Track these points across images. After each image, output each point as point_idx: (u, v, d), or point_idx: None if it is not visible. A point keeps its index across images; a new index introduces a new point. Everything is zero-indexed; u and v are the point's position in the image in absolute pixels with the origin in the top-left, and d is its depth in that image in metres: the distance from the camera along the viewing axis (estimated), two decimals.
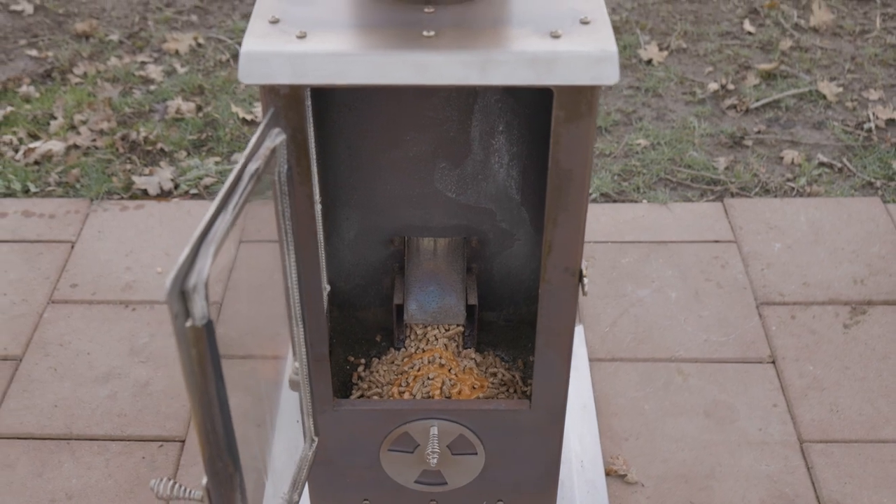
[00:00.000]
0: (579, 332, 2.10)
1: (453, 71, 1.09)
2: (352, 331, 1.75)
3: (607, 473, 1.83)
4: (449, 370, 1.64)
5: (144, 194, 2.46)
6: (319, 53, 1.09)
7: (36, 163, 2.55)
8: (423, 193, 1.62)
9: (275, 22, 1.14)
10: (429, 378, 1.63)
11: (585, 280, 1.31)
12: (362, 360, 1.70)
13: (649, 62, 2.97)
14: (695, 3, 3.26)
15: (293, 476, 1.31)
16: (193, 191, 2.46)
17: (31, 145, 2.58)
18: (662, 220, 2.38)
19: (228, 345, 1.13)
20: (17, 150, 2.58)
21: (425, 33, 1.12)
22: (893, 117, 2.73)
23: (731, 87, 2.84)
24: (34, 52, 2.96)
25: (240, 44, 2.91)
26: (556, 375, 1.42)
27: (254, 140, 1.06)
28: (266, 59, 1.09)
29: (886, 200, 2.46)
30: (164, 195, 2.46)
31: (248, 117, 2.69)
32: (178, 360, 2.01)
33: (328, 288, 1.60)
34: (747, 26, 3.12)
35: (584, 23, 1.15)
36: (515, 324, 1.75)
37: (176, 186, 2.48)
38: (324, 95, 1.43)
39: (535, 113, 1.54)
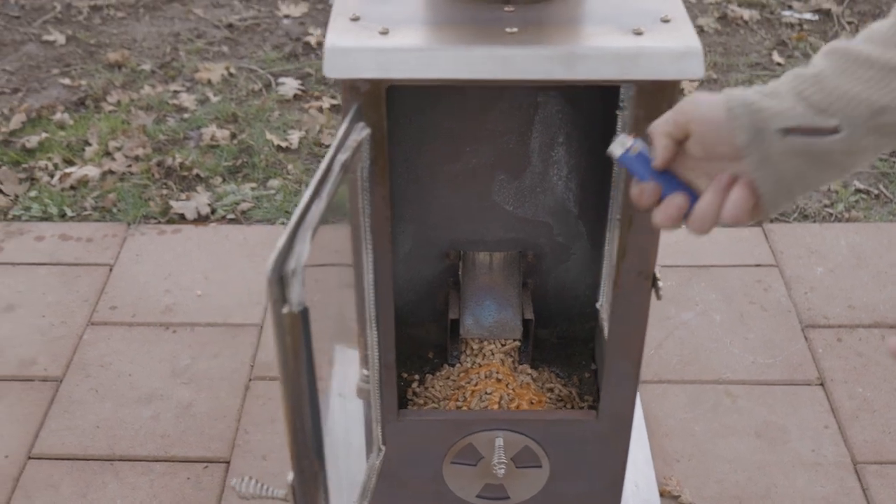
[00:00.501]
0: None
1: (539, 65, 1.09)
2: (403, 347, 1.73)
3: (661, 494, 1.80)
4: (506, 385, 1.62)
5: (182, 219, 2.45)
6: (404, 48, 1.09)
7: (72, 188, 2.54)
8: (481, 206, 1.62)
9: (356, 19, 1.14)
10: (486, 393, 1.61)
11: (660, 283, 1.30)
12: (416, 376, 1.68)
13: (681, 92, 2.96)
14: (723, 35, 3.27)
15: (362, 484, 1.29)
16: (230, 216, 2.46)
17: (67, 170, 2.58)
18: (702, 245, 2.37)
19: None
20: (52, 176, 2.58)
21: (508, 30, 1.11)
22: None
23: None
24: (67, 81, 2.96)
25: (272, 73, 2.93)
26: (625, 383, 1.40)
27: (341, 132, 1.05)
28: (351, 53, 1.09)
29: None
30: (201, 220, 2.45)
31: (283, 144, 2.69)
32: (221, 381, 2.00)
33: None
34: (776, 57, 3.13)
35: (665, 21, 1.15)
36: (568, 341, 1.74)
37: (213, 211, 2.47)
38: None
39: (594, 125, 1.53)
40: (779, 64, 3.10)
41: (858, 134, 0.85)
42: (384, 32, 1.11)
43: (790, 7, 3.41)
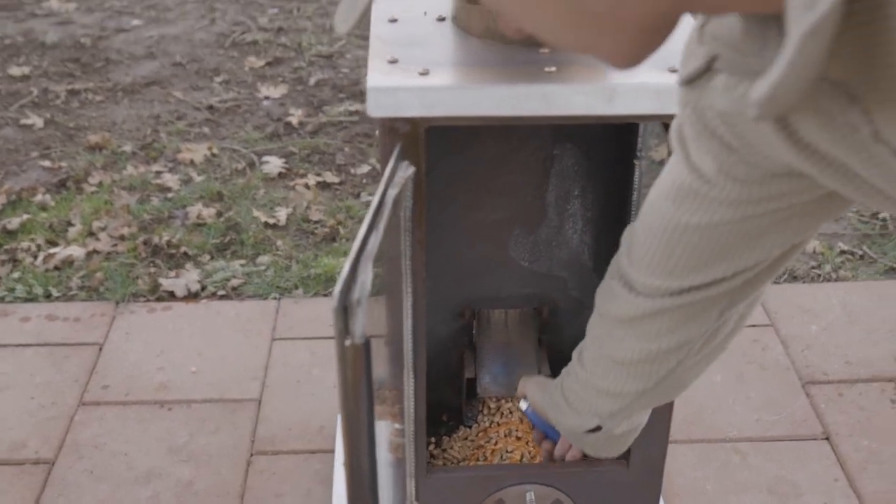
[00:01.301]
0: None
1: (581, 100, 1.10)
2: None
3: None
4: (527, 443, 1.60)
5: (171, 296, 2.42)
6: (448, 86, 1.09)
7: (56, 268, 2.51)
8: (497, 262, 1.62)
9: (394, 62, 1.14)
10: (507, 451, 1.59)
11: None
12: (432, 439, 1.66)
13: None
14: None
15: None
16: (221, 292, 2.43)
17: (51, 251, 2.55)
18: None
19: None
20: (35, 257, 2.54)
21: (547, 69, 1.12)
22: None
23: None
24: (47, 164, 2.94)
25: (255, 153, 2.94)
26: (656, 432, 1.39)
27: (388, 171, 1.05)
28: (394, 92, 1.09)
29: None
30: (191, 297, 2.43)
31: (271, 221, 2.68)
32: (222, 457, 1.96)
33: None
34: None
35: None
36: None
37: (203, 288, 2.45)
38: None
39: (609, 177, 1.54)
40: None
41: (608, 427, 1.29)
42: (424, 73, 1.11)
43: None
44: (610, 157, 1.53)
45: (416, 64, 1.13)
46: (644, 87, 1.11)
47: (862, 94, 0.68)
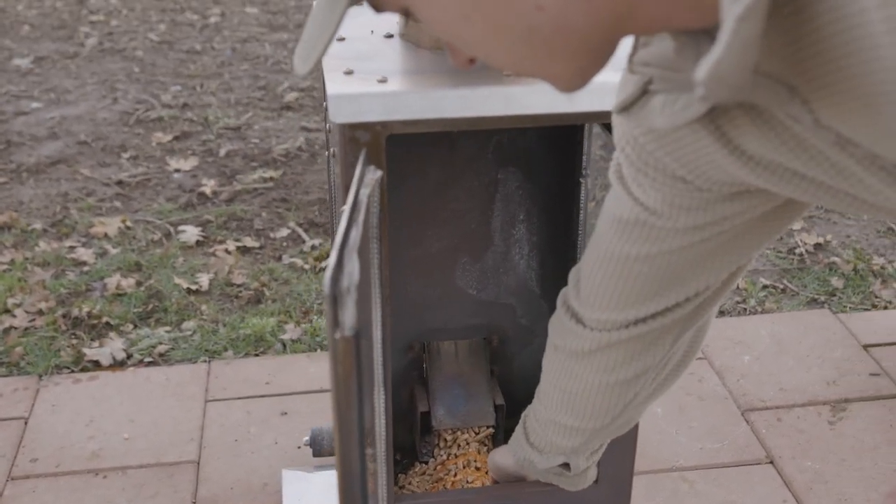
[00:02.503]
0: None
1: (542, 100, 1.11)
2: None
3: None
4: (485, 473, 1.58)
5: (97, 366, 2.35)
6: (409, 91, 1.09)
7: None
8: (445, 292, 1.61)
9: (350, 73, 1.14)
10: (468, 482, 1.57)
11: None
12: None
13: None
14: None
15: None
16: (148, 359, 2.37)
17: None
18: None
19: None
20: None
21: (505, 73, 1.13)
22: (819, 242, 2.85)
23: None
24: None
25: (170, 223, 2.89)
26: (623, 450, 1.39)
27: (357, 173, 1.04)
28: (356, 98, 1.09)
29: (835, 311, 2.54)
30: (117, 365, 2.36)
31: (193, 287, 2.63)
32: None
33: None
34: None
35: None
36: None
37: (129, 356, 2.38)
38: None
39: (553, 200, 1.55)
40: None
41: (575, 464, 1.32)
42: (383, 80, 1.11)
43: None
44: (553, 179, 1.54)
45: (372, 74, 1.13)
46: (606, 84, 1.12)
47: (798, 85, 0.71)
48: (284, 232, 2.93)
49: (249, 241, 2.87)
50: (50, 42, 4.61)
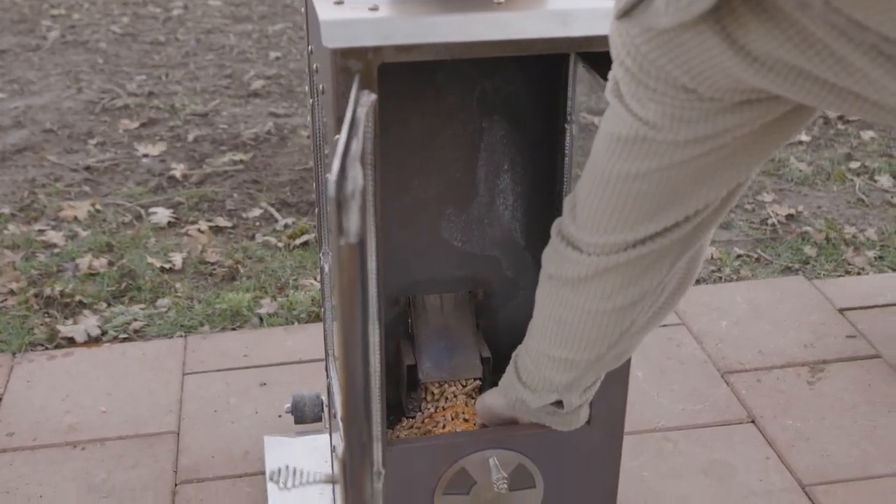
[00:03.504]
0: None
1: (535, 26, 1.11)
2: None
3: None
4: (474, 425, 1.57)
5: (71, 342, 2.32)
6: (401, 16, 1.08)
7: None
8: (430, 244, 1.60)
9: (339, 3, 1.13)
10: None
11: None
12: None
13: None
14: None
15: None
16: (123, 335, 2.34)
17: None
18: None
19: None
20: None
21: (496, 1, 1.13)
22: (791, 213, 2.87)
23: None
24: None
25: (141, 205, 2.86)
26: (615, 390, 1.39)
27: (352, 96, 1.03)
28: (349, 24, 1.08)
29: (810, 278, 2.55)
30: (92, 341, 2.33)
31: (167, 266, 2.61)
32: (145, 491, 1.87)
33: None
34: None
35: None
36: None
37: (104, 333, 2.35)
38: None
39: (538, 149, 1.55)
40: None
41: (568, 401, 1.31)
42: (374, 9, 1.11)
43: None
44: (538, 127, 1.54)
45: (363, 3, 1.13)
46: (599, 10, 1.12)
47: None
48: (257, 212, 2.91)
49: (222, 221, 2.85)
50: (11, 36, 4.56)
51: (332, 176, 0.85)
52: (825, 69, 0.83)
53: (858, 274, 2.60)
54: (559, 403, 1.31)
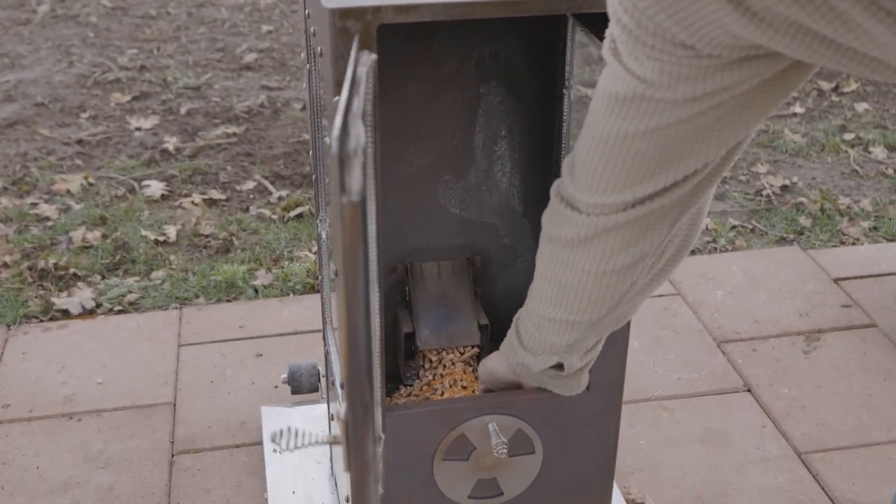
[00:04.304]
0: None
1: None
2: None
3: (627, 503, 1.77)
4: (472, 392, 1.57)
5: (66, 314, 2.31)
6: None
7: None
8: (427, 211, 1.59)
9: None
10: None
11: None
12: None
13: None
14: None
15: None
16: (118, 307, 2.34)
17: None
18: None
19: None
20: None
21: None
22: (786, 184, 2.87)
23: None
24: None
25: (134, 178, 2.85)
26: (614, 354, 1.38)
27: (352, 57, 1.02)
28: None
29: (805, 248, 2.56)
30: (87, 314, 2.32)
31: (161, 238, 2.60)
32: (142, 461, 1.86)
33: None
34: None
35: None
36: None
37: (98, 305, 2.34)
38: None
39: (536, 116, 1.55)
40: None
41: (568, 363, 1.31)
42: None
43: None
44: (536, 94, 1.53)
45: None
46: None
47: None
48: (250, 184, 2.90)
49: (216, 194, 2.84)
50: (0, 10, 4.52)
51: (335, 132, 0.84)
52: (825, 24, 0.82)
53: (853, 244, 2.60)
54: (560, 366, 1.31)
